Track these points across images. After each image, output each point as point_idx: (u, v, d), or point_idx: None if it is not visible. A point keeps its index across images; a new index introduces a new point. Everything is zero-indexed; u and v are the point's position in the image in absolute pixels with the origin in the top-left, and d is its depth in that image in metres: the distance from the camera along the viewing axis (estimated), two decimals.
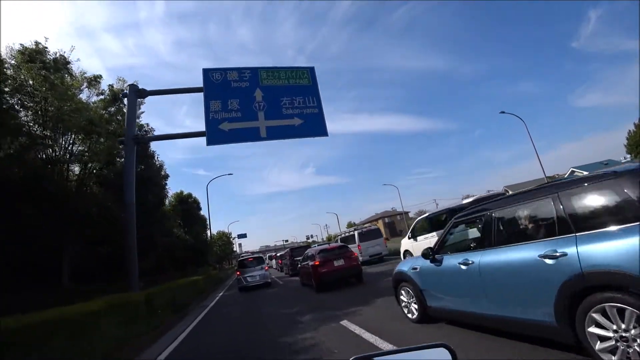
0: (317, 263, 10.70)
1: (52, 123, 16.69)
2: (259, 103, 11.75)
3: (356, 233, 18.07)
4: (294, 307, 8.88)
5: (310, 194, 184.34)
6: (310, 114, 12.16)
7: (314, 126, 12.06)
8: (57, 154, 15.72)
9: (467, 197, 14.64)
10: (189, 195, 23.36)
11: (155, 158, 20.82)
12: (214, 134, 10.96)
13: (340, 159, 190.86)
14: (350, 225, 67.83)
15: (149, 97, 12.43)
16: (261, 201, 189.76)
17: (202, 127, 10.97)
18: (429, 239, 11.28)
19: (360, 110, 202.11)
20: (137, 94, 11.68)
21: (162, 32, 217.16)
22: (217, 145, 10.97)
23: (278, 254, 29.32)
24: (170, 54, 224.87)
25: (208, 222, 29.20)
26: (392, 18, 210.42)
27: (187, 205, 22.59)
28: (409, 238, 12.83)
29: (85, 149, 16.50)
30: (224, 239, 48.02)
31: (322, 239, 76.36)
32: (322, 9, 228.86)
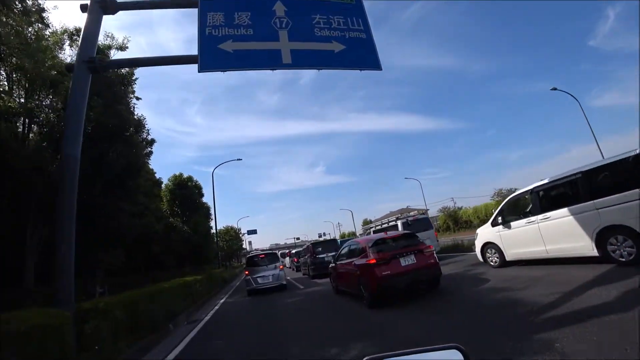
0: (373, 261, 6.65)
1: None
2: (280, 19, 7.81)
3: (399, 222, 13.93)
4: (335, 333, 5.19)
5: (320, 192, 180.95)
6: (356, 38, 8.15)
7: (362, 55, 8.04)
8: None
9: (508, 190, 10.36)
10: (189, 179, 19.59)
11: (131, 106, 15.53)
12: (211, 56, 7.06)
13: (350, 158, 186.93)
14: (366, 222, 63.46)
15: (160, 95, 8.52)
16: (271, 199, 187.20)
17: (212, 127, 7.10)
18: (534, 225, 7.26)
19: (368, 109, 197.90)
20: (103, 6, 7.82)
21: (173, 31, 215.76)
22: (214, 71, 7.04)
23: (293, 251, 25.43)
24: (182, 52, 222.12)
25: (213, 212, 25.51)
26: (403, 17, 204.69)
27: (187, 190, 18.77)
28: (495, 225, 8.70)
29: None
30: (232, 233, 44.25)
31: (336, 237, 72.18)
32: None
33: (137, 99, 16.37)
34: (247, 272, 13.04)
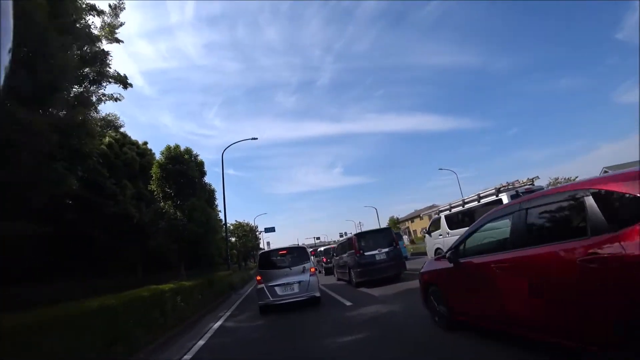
0: None
1: None
2: None
3: (506, 196, 8.57)
4: None
5: (339, 193, 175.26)
6: None
7: None
8: None
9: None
10: (187, 151, 14.93)
11: None
12: None
13: (368, 159, 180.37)
14: (393, 221, 57.48)
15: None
16: (289, 200, 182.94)
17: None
18: None
19: (387, 109, 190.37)
20: None
21: (192, 36, 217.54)
22: None
23: (321, 249, 20.46)
24: (201, 57, 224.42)
25: (222, 200, 20.82)
26: (423, 13, 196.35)
27: (183, 165, 14.04)
28: None
29: None
30: (246, 228, 39.17)
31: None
32: (349, 6, 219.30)
33: None
34: (259, 278, 8.02)
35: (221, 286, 13.46)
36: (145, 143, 24.52)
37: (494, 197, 9.04)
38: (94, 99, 15.19)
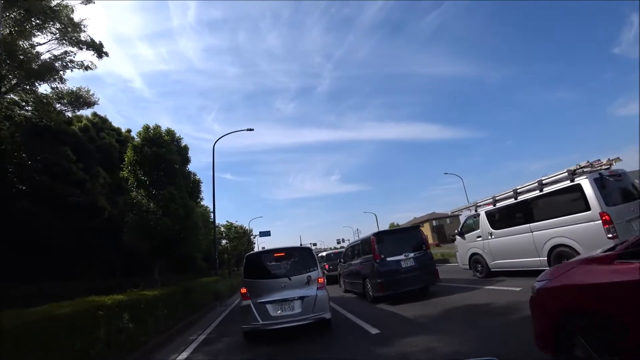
0: None
1: None
2: None
3: (587, 181, 6.21)
4: None
5: (336, 200, 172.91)
6: None
7: None
8: None
9: None
10: (168, 132, 12.55)
11: None
12: None
13: (366, 167, 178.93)
14: (393, 226, 54.84)
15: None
16: (285, 206, 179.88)
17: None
18: None
19: (386, 117, 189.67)
20: None
21: (193, 40, 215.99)
22: None
23: (322, 254, 18.03)
24: (201, 61, 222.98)
25: (212, 198, 18.37)
26: (422, 24, 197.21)
27: (161, 147, 11.64)
28: None
29: None
30: (239, 230, 36.19)
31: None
32: (349, 15, 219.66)
33: None
34: (244, 291, 5.55)
35: (203, 295, 10.95)
36: (129, 131, 22.06)
37: (566, 184, 6.69)
38: (59, 66, 12.87)
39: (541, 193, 7.29)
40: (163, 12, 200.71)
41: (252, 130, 21.22)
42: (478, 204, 9.50)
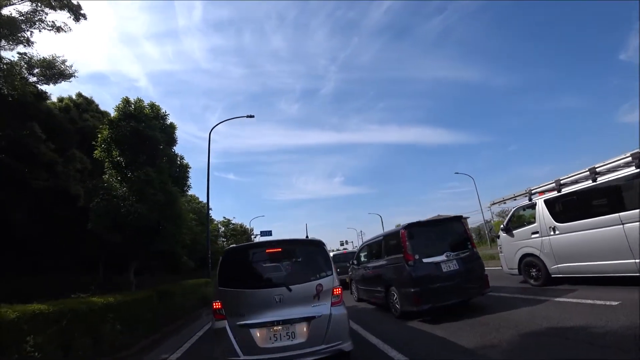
0: None
1: None
2: None
3: None
4: None
5: (339, 202, 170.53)
6: None
7: None
8: None
9: None
10: (152, 106, 10.71)
11: None
12: None
13: (369, 170, 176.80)
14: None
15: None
16: (287, 207, 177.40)
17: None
18: None
19: (389, 121, 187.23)
20: None
21: (198, 40, 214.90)
22: None
23: (338, 250, 16.15)
24: (206, 61, 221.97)
25: (207, 190, 16.52)
26: (426, 28, 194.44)
27: (141, 122, 9.74)
28: None
29: None
30: (237, 228, 33.78)
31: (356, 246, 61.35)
32: (354, 18, 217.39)
33: None
34: (217, 306, 3.57)
35: (185, 301, 8.99)
36: None
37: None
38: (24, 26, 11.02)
39: (636, 171, 5.23)
40: (169, 12, 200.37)
41: (253, 117, 19.40)
42: (532, 191, 7.43)
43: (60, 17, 12.83)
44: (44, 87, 13.11)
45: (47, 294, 6.87)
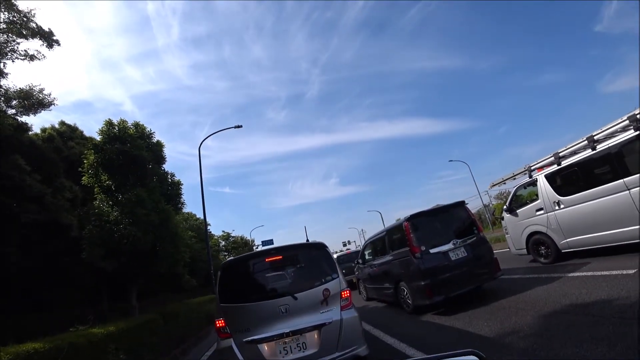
0: None
1: None
2: None
3: None
4: None
5: (336, 203, 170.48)
6: None
7: None
8: None
9: None
10: (136, 125, 10.45)
11: None
12: None
13: (362, 167, 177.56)
14: None
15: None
16: (286, 214, 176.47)
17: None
18: None
19: (377, 117, 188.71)
20: None
21: (179, 57, 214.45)
22: None
23: (333, 256, 15.91)
24: (189, 78, 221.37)
25: (202, 203, 16.21)
26: (404, 20, 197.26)
27: (126, 144, 9.49)
28: None
29: None
30: (237, 241, 33.25)
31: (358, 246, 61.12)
32: (332, 18, 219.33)
33: None
34: (221, 324, 3.34)
35: (190, 321, 8.69)
36: None
37: None
38: None
39: None
40: (147, 33, 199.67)
41: (241, 127, 19.16)
42: (532, 167, 7.31)
43: (33, 45, 12.53)
44: (24, 119, 12.79)
45: (51, 330, 6.59)
